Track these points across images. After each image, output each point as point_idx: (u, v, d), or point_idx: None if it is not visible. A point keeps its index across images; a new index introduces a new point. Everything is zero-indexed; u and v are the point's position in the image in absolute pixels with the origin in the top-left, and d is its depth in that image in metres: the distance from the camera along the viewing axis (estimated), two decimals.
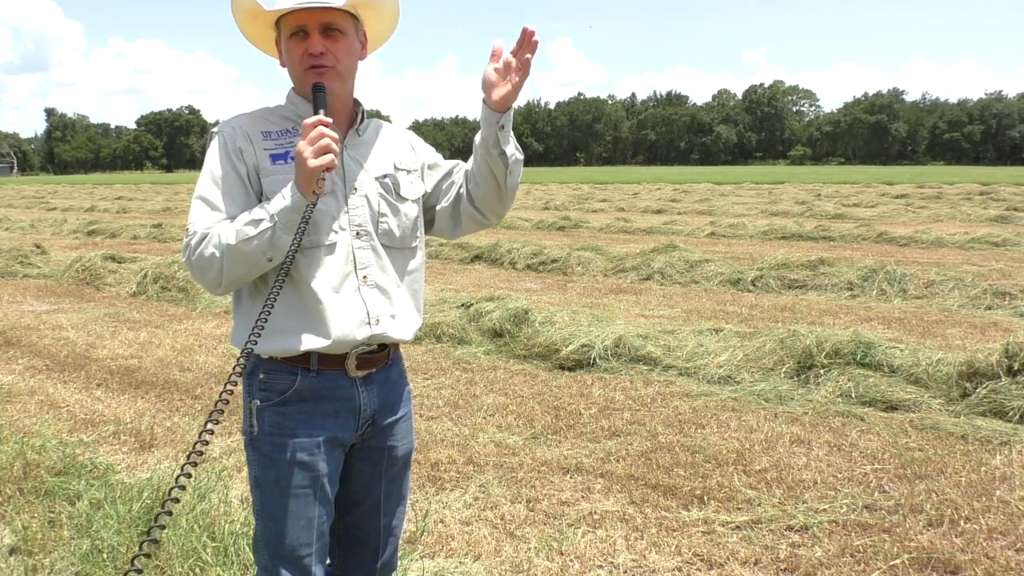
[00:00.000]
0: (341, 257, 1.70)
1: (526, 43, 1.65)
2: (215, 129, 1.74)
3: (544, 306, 6.71)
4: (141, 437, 4.29)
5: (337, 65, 1.68)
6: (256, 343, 1.45)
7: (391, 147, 1.84)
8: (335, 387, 1.73)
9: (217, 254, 1.59)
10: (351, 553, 1.90)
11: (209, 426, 1.32)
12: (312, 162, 1.54)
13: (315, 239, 1.66)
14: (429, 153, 1.93)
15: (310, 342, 1.67)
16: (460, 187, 1.88)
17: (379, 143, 1.82)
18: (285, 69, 1.76)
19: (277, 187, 1.65)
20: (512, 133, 1.75)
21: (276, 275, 1.59)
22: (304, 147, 1.56)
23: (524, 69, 1.66)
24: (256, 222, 1.59)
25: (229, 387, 1.42)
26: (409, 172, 1.85)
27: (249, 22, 1.76)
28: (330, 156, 1.56)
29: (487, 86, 1.69)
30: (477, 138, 1.78)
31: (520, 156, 1.79)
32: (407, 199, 1.82)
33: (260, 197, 1.68)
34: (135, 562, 1.12)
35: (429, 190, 1.90)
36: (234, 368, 1.46)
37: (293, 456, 1.70)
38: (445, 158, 1.96)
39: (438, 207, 1.90)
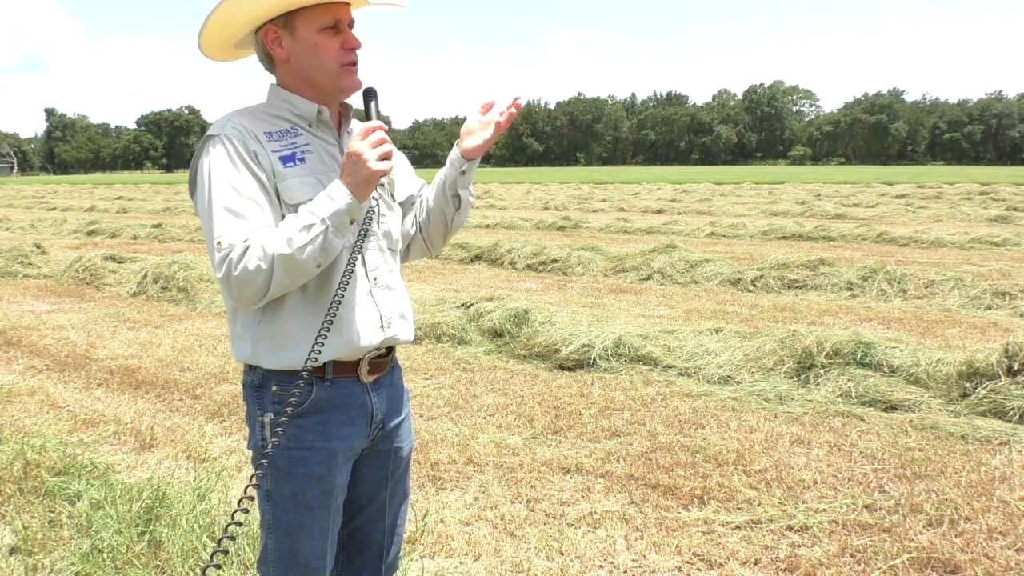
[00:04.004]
0: (352, 261, 1.67)
1: (512, 105, 1.77)
2: (213, 132, 1.61)
3: (544, 306, 6.71)
4: (141, 437, 4.29)
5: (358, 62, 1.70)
6: (318, 358, 1.48)
7: None
8: (349, 395, 1.70)
9: (263, 266, 1.49)
10: (355, 557, 1.89)
11: (254, 480, 1.32)
12: (375, 165, 1.53)
13: None
14: (403, 159, 1.93)
15: (331, 351, 1.63)
16: (418, 214, 1.92)
17: None
18: (271, 69, 1.72)
19: (294, 190, 1.60)
20: (471, 180, 1.84)
21: (317, 281, 1.62)
22: (365, 149, 1.53)
23: (496, 129, 1.77)
24: (308, 227, 1.50)
25: (277, 430, 1.46)
26: (396, 172, 1.86)
27: (245, 22, 1.65)
28: (391, 162, 1.56)
29: (464, 133, 1.79)
30: (439, 175, 1.83)
31: (472, 200, 1.87)
32: (396, 200, 1.84)
33: (279, 200, 1.61)
34: None
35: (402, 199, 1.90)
36: (291, 393, 1.47)
37: (310, 469, 1.66)
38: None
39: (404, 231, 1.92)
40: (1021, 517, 3.21)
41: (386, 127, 1.58)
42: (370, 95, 1.66)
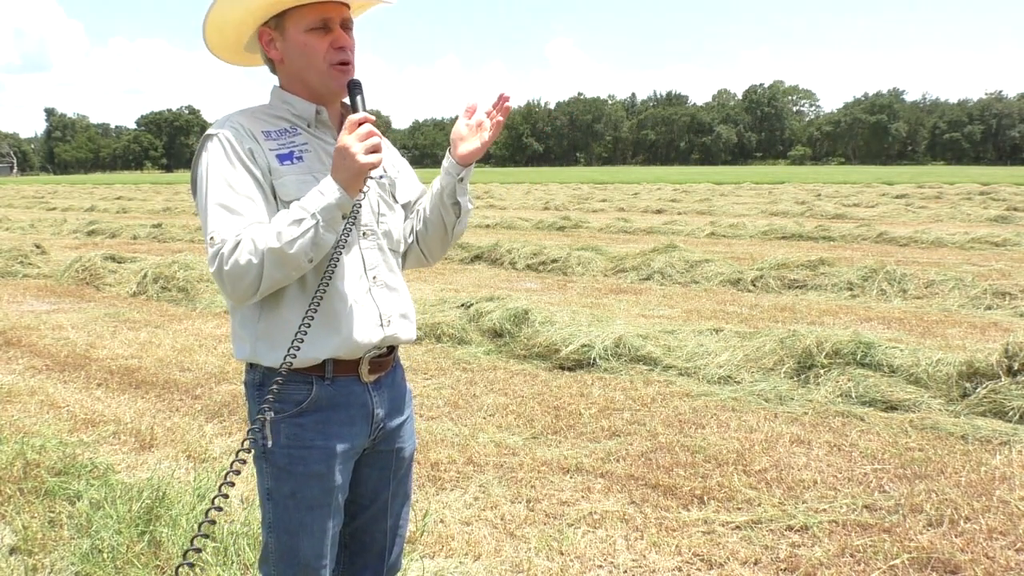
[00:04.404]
0: (351, 259, 1.68)
1: (500, 105, 1.74)
2: (212, 132, 1.63)
3: (544, 306, 6.71)
4: (141, 437, 4.29)
5: (353, 60, 1.68)
6: (295, 357, 1.41)
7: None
8: (349, 394, 1.70)
9: (254, 260, 1.50)
10: (358, 557, 1.89)
11: (236, 465, 1.27)
12: (363, 158, 1.52)
13: None
14: (405, 165, 1.93)
15: (329, 349, 1.63)
16: (416, 225, 1.90)
17: None
18: (273, 71, 1.73)
19: (290, 188, 1.61)
20: (468, 186, 1.82)
21: (316, 277, 1.59)
22: (352, 143, 1.52)
23: (495, 129, 1.74)
24: (298, 222, 1.51)
25: (259, 418, 1.39)
26: (399, 174, 1.86)
27: (237, 24, 1.66)
28: (380, 155, 1.55)
29: (456, 139, 1.76)
30: (435, 184, 1.81)
31: (471, 207, 1.85)
32: (399, 201, 1.84)
33: (275, 198, 1.62)
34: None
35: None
36: (270, 389, 1.38)
37: (310, 468, 1.66)
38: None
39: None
40: (1021, 517, 3.21)
41: (374, 119, 1.57)
42: (355, 87, 1.65)
